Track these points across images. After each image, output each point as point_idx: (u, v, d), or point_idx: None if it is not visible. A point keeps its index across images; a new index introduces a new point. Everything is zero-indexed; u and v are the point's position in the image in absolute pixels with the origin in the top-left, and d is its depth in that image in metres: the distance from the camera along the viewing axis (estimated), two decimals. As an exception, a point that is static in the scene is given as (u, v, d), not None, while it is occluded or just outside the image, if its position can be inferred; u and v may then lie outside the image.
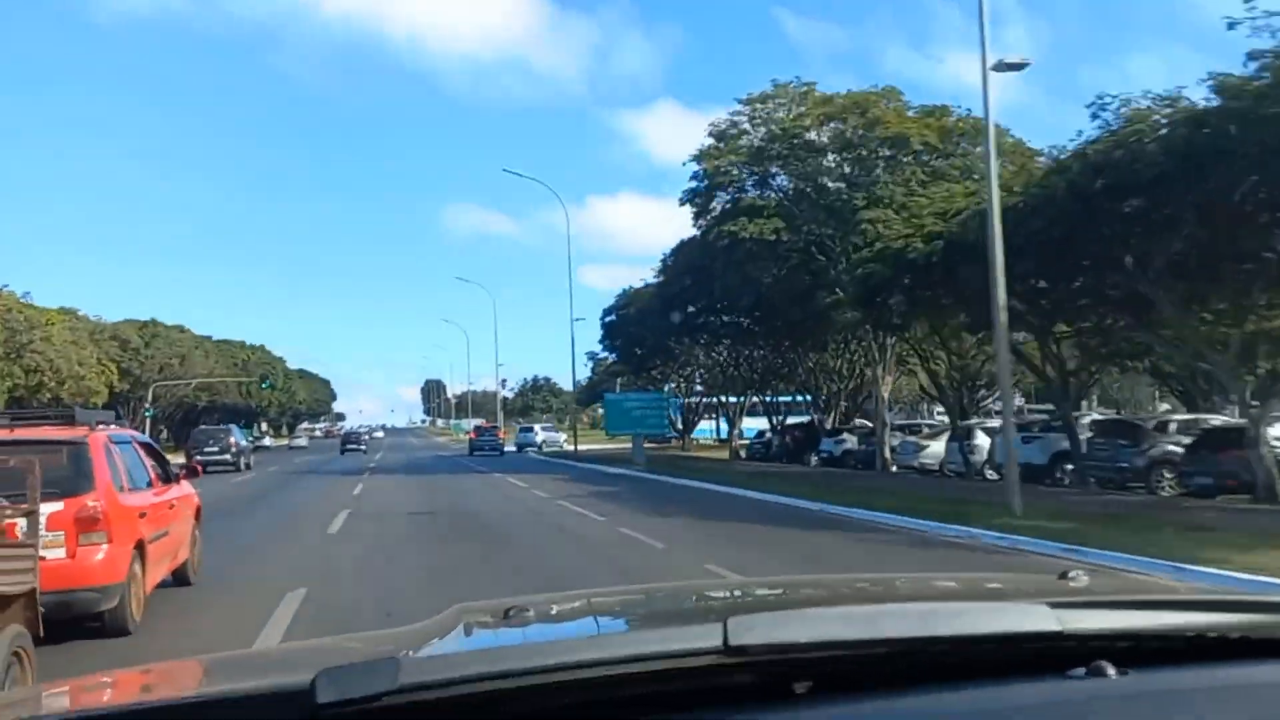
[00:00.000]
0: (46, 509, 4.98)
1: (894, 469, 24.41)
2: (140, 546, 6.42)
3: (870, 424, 28.56)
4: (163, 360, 58.88)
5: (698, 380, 46.77)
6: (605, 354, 54.34)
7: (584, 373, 71.01)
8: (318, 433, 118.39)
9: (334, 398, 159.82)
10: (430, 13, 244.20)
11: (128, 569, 6.11)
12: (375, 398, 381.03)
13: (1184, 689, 1.07)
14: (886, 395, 25.71)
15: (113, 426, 7.31)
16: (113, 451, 6.56)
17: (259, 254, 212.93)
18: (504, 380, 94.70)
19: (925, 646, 1.09)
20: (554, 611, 1.72)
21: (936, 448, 23.65)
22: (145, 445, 7.80)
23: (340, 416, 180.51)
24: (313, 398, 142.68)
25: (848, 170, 23.85)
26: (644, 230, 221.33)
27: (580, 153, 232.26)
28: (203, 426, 37.97)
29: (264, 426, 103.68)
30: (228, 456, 29.82)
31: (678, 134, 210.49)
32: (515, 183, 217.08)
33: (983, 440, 20.98)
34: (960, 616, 1.19)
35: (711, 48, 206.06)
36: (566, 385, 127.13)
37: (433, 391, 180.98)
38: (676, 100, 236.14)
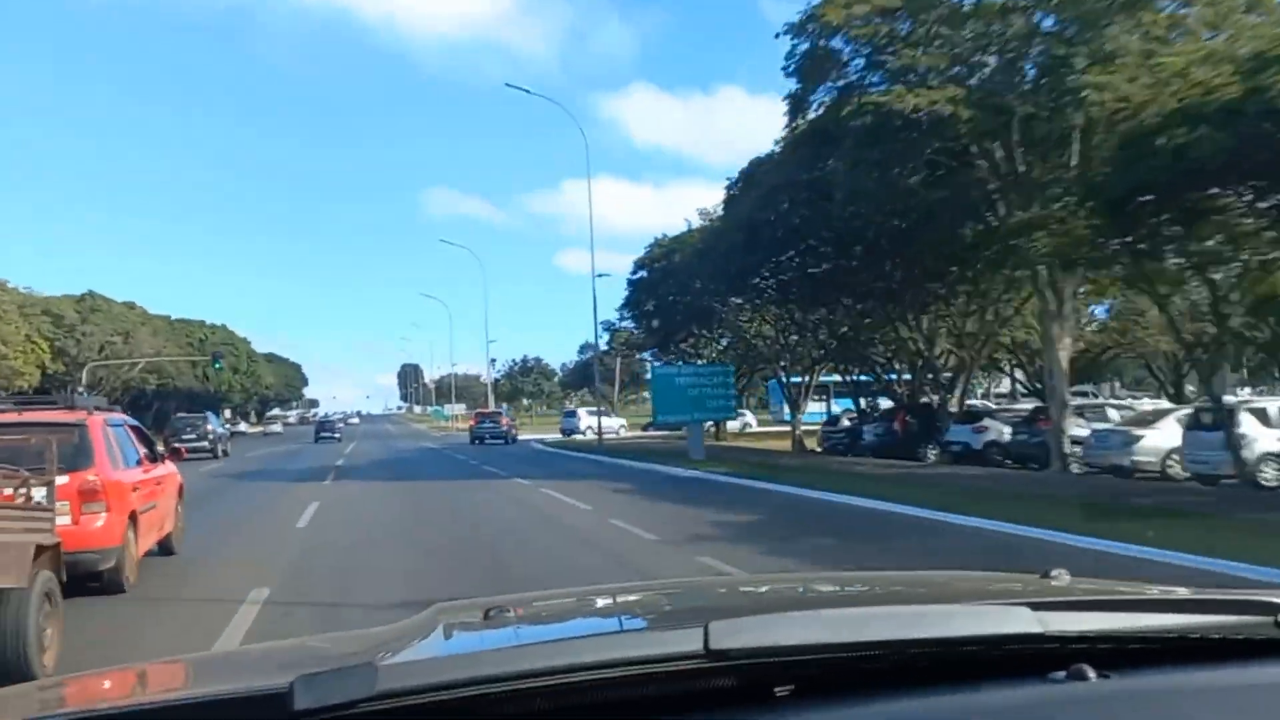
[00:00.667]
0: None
1: (1074, 468, 18.62)
2: (133, 516, 7.69)
3: (1033, 405, 23.43)
4: (103, 338, 55.46)
5: (736, 352, 40.07)
6: (625, 323, 47.30)
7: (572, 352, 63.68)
8: (291, 419, 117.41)
9: (305, 383, 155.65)
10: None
11: (123, 535, 7.42)
12: (350, 385, 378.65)
13: (1164, 691, 1.11)
14: (1065, 362, 19.38)
15: (108, 411, 8.54)
16: (108, 433, 7.86)
17: (230, 238, 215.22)
18: (493, 360, 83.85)
19: (907, 649, 1.11)
20: (534, 612, 1.76)
21: (1157, 439, 17.39)
22: (135, 428, 9.01)
23: (313, 403, 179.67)
24: (282, 383, 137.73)
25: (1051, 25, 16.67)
26: (623, 215, 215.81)
27: (556, 136, 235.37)
28: (180, 414, 39.93)
29: (226, 414, 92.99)
30: (205, 444, 30.38)
31: (654, 118, 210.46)
32: (495, 166, 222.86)
33: (1256, 428, 15.21)
34: (942, 619, 1.22)
35: (686, 30, 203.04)
36: (557, 365, 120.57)
37: (409, 377, 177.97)
38: (651, 83, 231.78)
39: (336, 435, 53.77)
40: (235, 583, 7.89)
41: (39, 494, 5.74)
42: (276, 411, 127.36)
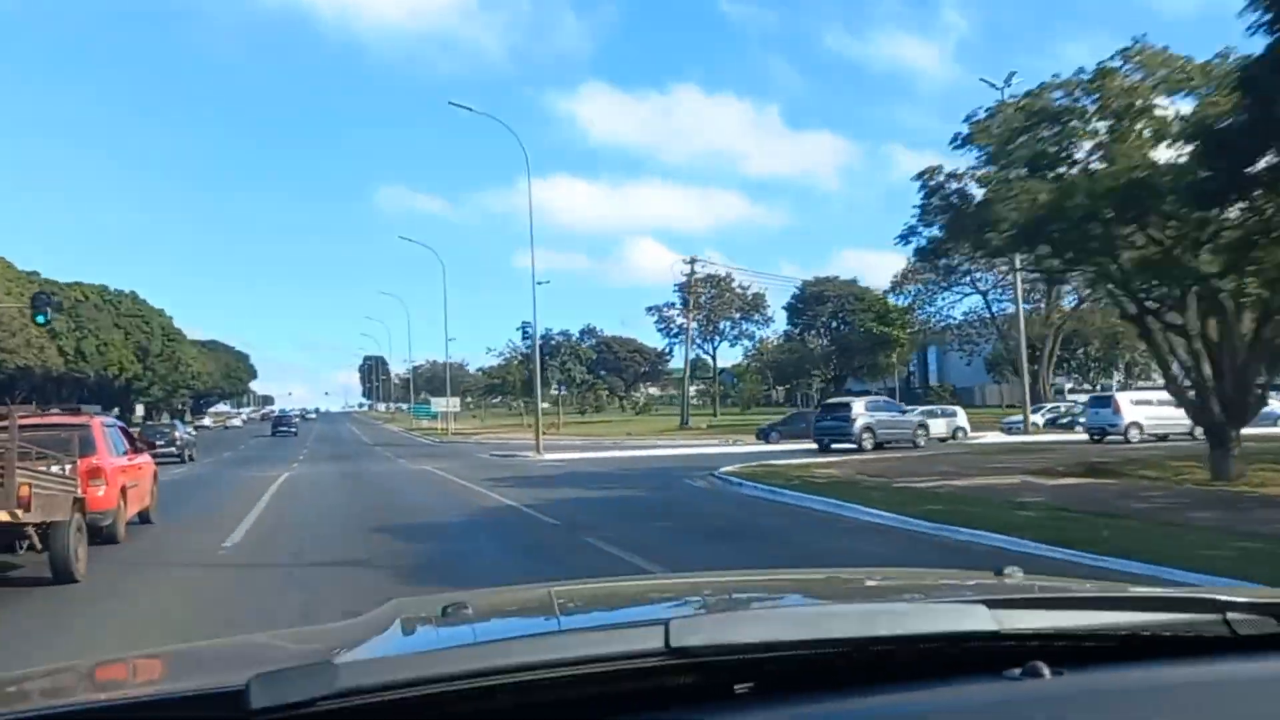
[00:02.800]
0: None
1: None
2: (123, 490, 11.98)
3: None
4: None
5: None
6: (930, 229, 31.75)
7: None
8: (239, 418, 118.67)
9: (252, 375, 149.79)
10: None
11: (117, 502, 11.59)
12: (307, 381, 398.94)
13: (1118, 688, 1.18)
14: None
15: (104, 416, 13.84)
16: (105, 431, 12.37)
17: (179, 232, 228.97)
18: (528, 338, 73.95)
19: (866, 646, 1.19)
20: (493, 609, 1.84)
21: None
22: (122, 428, 14.02)
23: (267, 399, 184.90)
24: (221, 373, 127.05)
25: None
26: (579, 214, 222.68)
27: (510, 134, 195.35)
28: (149, 423, 51.11)
29: (139, 411, 79.11)
30: (173, 449, 33.58)
31: (610, 116, 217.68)
32: (449, 163, 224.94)
33: None
34: (900, 617, 1.30)
35: (642, 28, 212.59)
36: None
37: (374, 370, 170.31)
38: (607, 82, 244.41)
39: (294, 430, 64.64)
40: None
41: (67, 469, 9.74)
42: (222, 408, 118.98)
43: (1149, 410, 31.15)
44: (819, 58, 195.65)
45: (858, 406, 32.24)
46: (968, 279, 61.68)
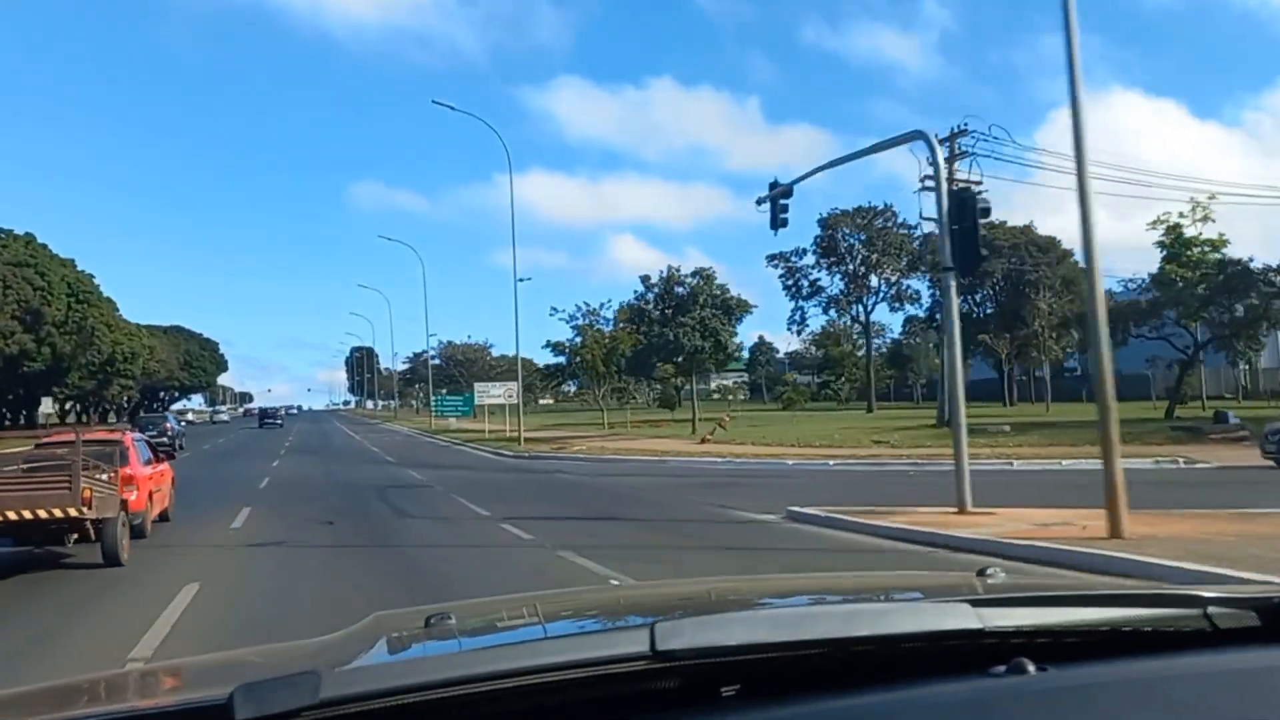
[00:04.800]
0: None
1: None
2: (150, 494, 15.00)
3: None
4: None
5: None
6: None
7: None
8: (225, 414, 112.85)
9: (222, 367, 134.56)
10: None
11: (145, 504, 14.48)
12: (290, 381, 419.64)
13: (1101, 682, 1.22)
14: None
15: (134, 431, 17.54)
16: (135, 444, 15.43)
17: (151, 228, 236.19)
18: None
19: (850, 647, 1.24)
20: (476, 620, 1.88)
21: None
22: (147, 442, 16.91)
23: (246, 396, 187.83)
24: (179, 360, 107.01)
25: None
26: (556, 210, 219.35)
27: (490, 130, 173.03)
28: (144, 414, 54.68)
29: (46, 407, 54.12)
30: (165, 439, 36.30)
31: (585, 112, 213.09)
32: (425, 159, 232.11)
33: None
34: (884, 616, 1.34)
35: (617, 22, 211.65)
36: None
37: (362, 363, 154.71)
38: (581, 77, 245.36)
39: (279, 422, 73.30)
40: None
41: (108, 477, 12.41)
42: (189, 405, 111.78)
43: None
44: (797, 51, 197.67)
45: None
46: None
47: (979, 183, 45.04)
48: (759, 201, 21.11)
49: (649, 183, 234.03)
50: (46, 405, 64.64)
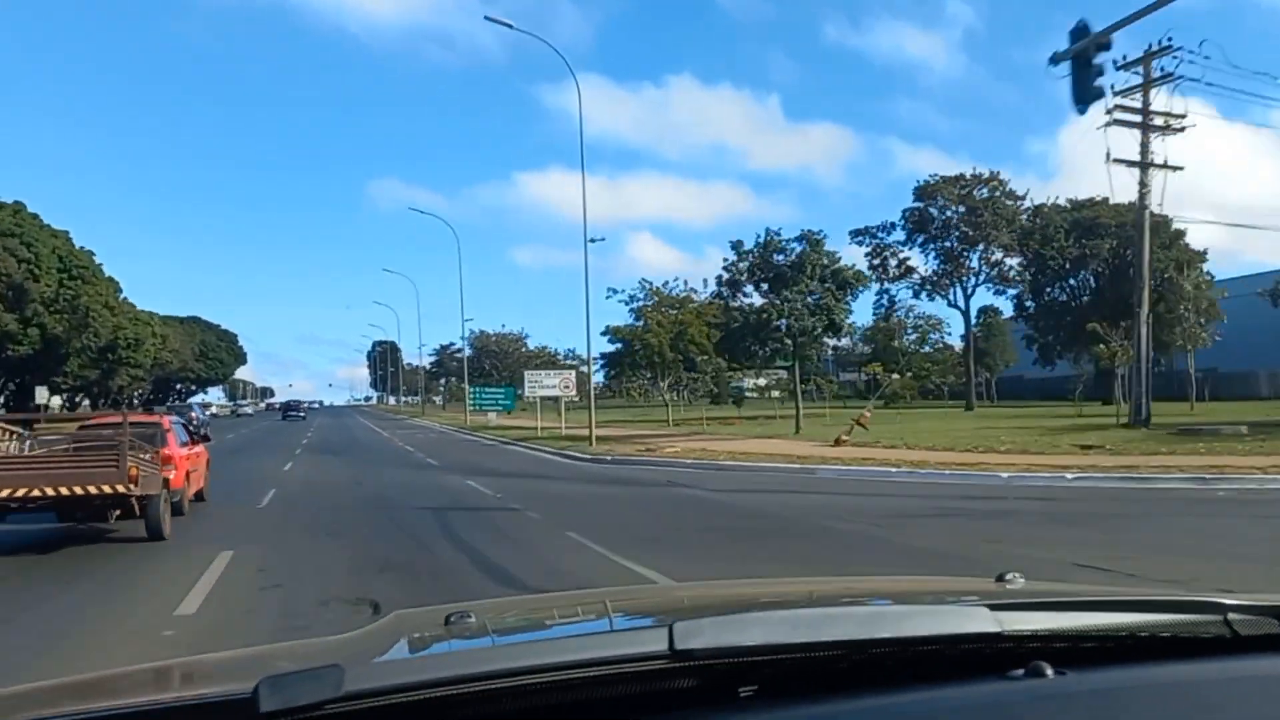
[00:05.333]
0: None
1: None
2: (188, 474, 15.99)
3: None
4: None
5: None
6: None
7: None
8: (249, 408, 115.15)
9: (241, 360, 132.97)
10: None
11: (184, 482, 15.40)
12: (309, 376, 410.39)
13: (1120, 687, 1.23)
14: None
15: (171, 415, 19.18)
16: (173, 426, 16.51)
17: (173, 225, 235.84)
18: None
19: (869, 649, 1.26)
20: (497, 617, 1.93)
21: None
22: (183, 424, 18.10)
23: (267, 391, 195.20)
24: (193, 351, 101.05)
25: None
26: (574, 209, 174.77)
27: (506, 126, 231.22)
28: (174, 404, 54.93)
29: (45, 401, 56.14)
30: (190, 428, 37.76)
31: (604, 109, 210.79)
32: (444, 157, 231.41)
33: None
34: (903, 619, 1.34)
35: (637, 20, 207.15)
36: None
37: (385, 357, 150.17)
38: (601, 74, 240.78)
39: (302, 415, 77.30)
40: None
41: (149, 457, 12.94)
42: (208, 398, 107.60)
43: None
44: (819, 49, 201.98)
45: None
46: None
47: (1182, 116, 37.43)
48: (1053, 61, 13.84)
49: (668, 181, 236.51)
50: (41, 396, 55.56)
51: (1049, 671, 1.18)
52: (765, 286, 39.31)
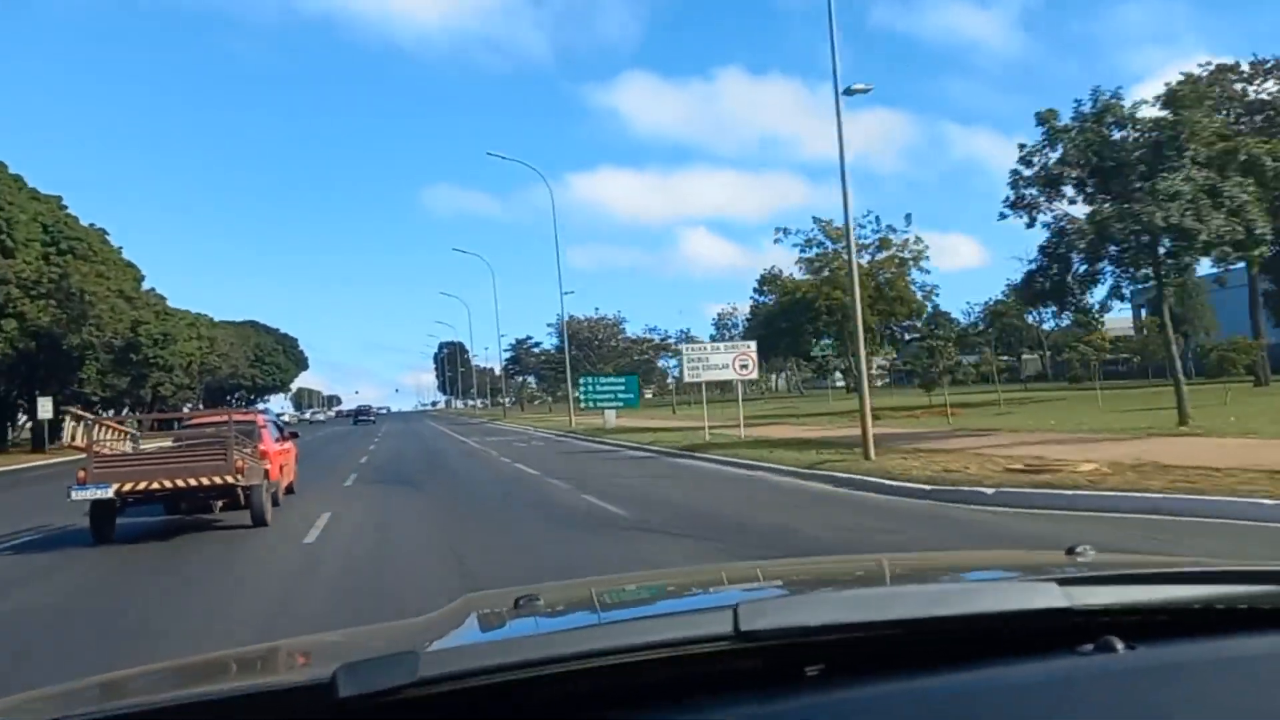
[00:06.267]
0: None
1: None
2: (281, 467, 18.37)
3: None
4: None
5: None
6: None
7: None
8: (323, 415, 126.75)
9: (303, 365, 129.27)
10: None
11: (278, 475, 17.90)
12: (374, 383, 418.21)
13: (1191, 662, 1.22)
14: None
15: (263, 413, 23.19)
16: (266, 424, 18.89)
17: (238, 235, 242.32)
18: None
19: (935, 627, 1.27)
20: (564, 600, 2.03)
21: None
22: (274, 422, 21.18)
23: (334, 399, 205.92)
24: (247, 358, 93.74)
25: None
26: (626, 206, 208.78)
27: (554, 127, 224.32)
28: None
29: (45, 411, 42.85)
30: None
31: (653, 106, 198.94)
32: (495, 161, 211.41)
33: None
34: (969, 596, 1.37)
35: (684, 14, 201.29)
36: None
37: (453, 359, 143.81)
38: (648, 71, 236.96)
39: (372, 419, 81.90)
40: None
41: (248, 451, 15.67)
42: (262, 408, 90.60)
43: None
44: (868, 32, 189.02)
45: None
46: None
47: None
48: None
49: (721, 174, 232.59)
50: (45, 409, 40.99)
51: (1119, 646, 1.18)
52: (1090, 188, 22.00)
